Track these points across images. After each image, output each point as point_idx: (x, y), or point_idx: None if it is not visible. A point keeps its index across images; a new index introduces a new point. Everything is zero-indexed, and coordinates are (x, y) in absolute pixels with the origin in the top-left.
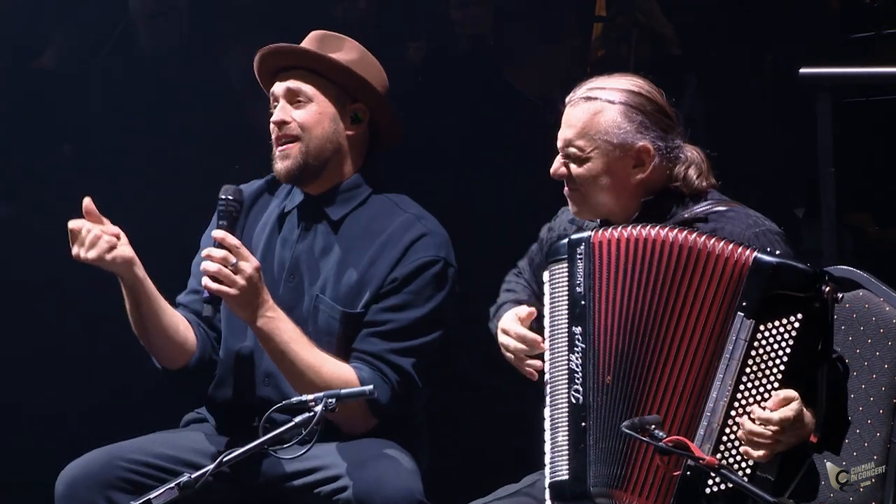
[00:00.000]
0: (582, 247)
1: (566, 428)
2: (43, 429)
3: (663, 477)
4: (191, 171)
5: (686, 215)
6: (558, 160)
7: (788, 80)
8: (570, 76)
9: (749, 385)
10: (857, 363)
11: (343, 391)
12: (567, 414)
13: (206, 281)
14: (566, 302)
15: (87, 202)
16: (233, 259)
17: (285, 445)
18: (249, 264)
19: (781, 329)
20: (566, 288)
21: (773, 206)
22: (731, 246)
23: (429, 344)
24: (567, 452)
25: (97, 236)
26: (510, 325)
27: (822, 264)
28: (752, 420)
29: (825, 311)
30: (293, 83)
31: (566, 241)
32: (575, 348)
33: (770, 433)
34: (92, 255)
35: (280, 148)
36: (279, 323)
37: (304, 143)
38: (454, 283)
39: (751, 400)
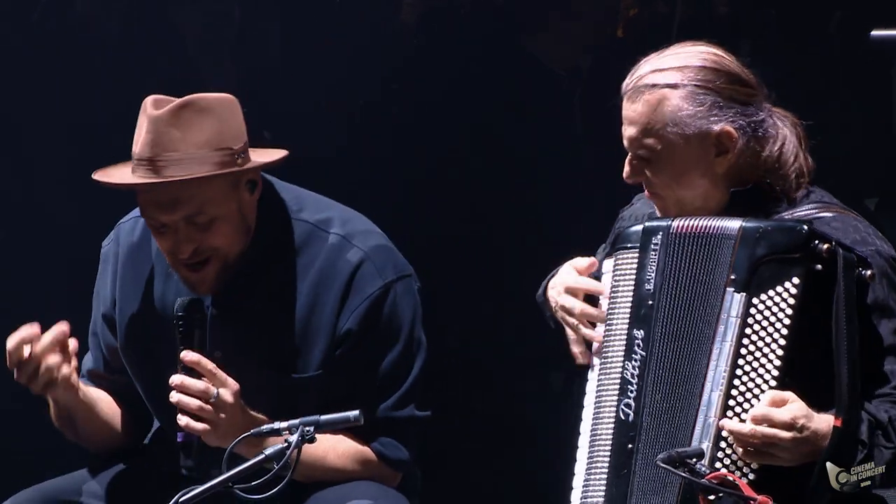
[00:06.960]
0: (659, 236)
1: (608, 447)
2: None
3: None
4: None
5: (786, 217)
6: (629, 163)
7: (859, 44)
8: (598, 42)
9: (747, 368)
10: None
11: (322, 418)
12: (612, 430)
13: (185, 420)
14: (629, 299)
15: (63, 329)
16: (213, 391)
17: (254, 483)
18: (229, 390)
19: (777, 298)
20: (632, 283)
21: (840, 196)
22: (721, 222)
23: (419, 373)
24: (606, 476)
25: (33, 379)
26: (572, 280)
27: None
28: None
29: (830, 274)
30: (186, 213)
31: (640, 227)
32: (633, 355)
33: (760, 433)
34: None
35: (192, 267)
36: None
37: (220, 258)
38: (415, 293)
39: (750, 385)
